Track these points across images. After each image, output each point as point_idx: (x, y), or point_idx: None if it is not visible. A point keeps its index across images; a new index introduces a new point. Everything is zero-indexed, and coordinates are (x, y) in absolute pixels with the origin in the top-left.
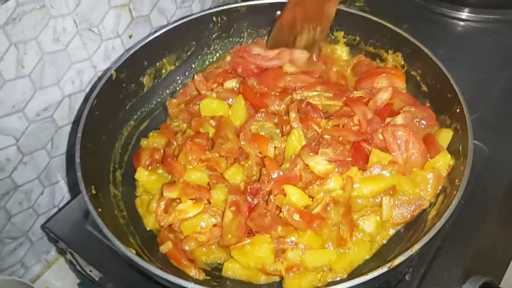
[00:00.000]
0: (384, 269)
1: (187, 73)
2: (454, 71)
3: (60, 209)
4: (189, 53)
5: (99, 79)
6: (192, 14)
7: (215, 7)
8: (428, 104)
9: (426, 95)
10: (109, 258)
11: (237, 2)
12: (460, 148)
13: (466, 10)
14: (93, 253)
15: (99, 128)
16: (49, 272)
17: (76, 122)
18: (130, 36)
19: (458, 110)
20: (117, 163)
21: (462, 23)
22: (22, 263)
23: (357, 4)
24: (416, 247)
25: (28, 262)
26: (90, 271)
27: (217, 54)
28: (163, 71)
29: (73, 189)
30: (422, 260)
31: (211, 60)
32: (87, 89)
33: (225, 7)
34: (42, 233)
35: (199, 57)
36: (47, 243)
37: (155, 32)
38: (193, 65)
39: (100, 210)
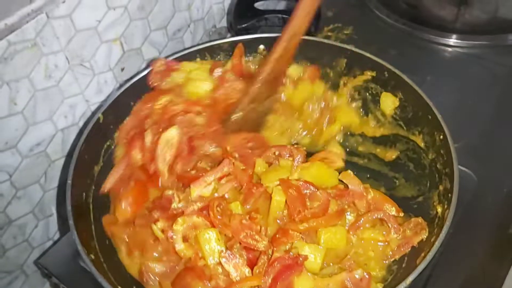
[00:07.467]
0: None
1: None
2: (441, 96)
3: (54, 242)
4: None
5: (93, 113)
6: (177, 52)
7: (197, 45)
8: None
9: (408, 121)
10: None
11: (228, 33)
12: (447, 176)
13: (454, 36)
14: None
15: (89, 172)
16: None
17: (69, 155)
18: (122, 69)
19: (441, 137)
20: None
21: (449, 49)
22: None
23: (346, 32)
24: (410, 278)
25: None
26: None
27: None
28: None
29: (64, 225)
30: None
31: None
32: (80, 123)
33: (207, 44)
34: None
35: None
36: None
37: (137, 74)
38: None
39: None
